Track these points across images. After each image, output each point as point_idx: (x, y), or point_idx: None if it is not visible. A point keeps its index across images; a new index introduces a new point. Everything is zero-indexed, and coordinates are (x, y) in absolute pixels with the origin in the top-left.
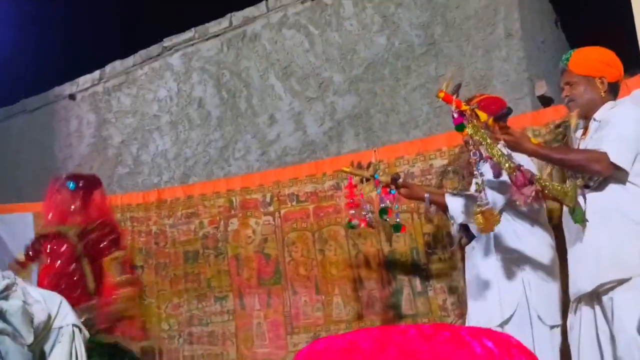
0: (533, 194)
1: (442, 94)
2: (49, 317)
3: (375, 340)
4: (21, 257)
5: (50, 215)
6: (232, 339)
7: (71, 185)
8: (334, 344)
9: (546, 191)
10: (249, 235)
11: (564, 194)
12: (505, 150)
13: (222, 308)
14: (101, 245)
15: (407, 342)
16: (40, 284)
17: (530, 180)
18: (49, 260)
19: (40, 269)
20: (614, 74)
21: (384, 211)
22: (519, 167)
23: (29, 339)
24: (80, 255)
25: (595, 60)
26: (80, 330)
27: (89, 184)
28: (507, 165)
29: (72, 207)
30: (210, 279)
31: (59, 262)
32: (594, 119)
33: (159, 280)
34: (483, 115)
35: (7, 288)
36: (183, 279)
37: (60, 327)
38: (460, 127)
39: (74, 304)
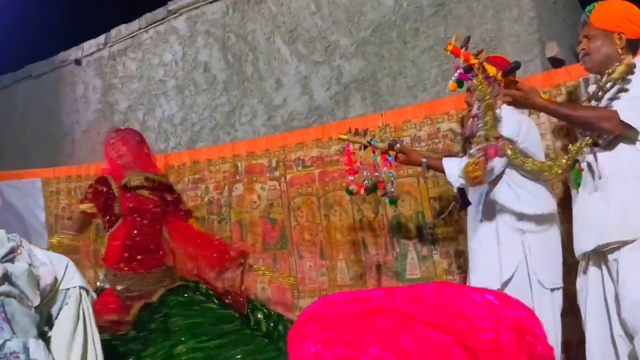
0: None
1: (450, 47)
2: (55, 279)
3: (384, 290)
4: (90, 208)
5: (118, 166)
6: None
7: (137, 138)
8: (345, 295)
9: (524, 167)
10: (254, 200)
11: (539, 170)
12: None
13: None
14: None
15: (415, 291)
16: (121, 239)
17: (500, 155)
18: (134, 216)
19: (121, 224)
20: (635, 31)
21: (375, 187)
22: (498, 137)
23: (36, 301)
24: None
25: (617, 14)
26: (87, 292)
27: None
28: (491, 131)
29: (140, 159)
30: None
31: (146, 219)
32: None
33: None
34: (492, 69)
35: (13, 250)
36: None
37: (67, 289)
38: (460, 83)
39: (154, 263)
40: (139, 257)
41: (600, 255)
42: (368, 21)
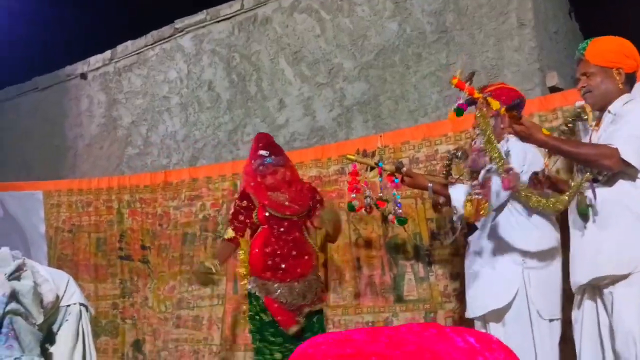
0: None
1: (455, 81)
2: (57, 296)
3: (367, 332)
4: (230, 234)
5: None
6: (219, 323)
7: (269, 160)
8: (331, 337)
9: (529, 204)
10: None
11: (545, 206)
12: (502, 150)
13: (212, 292)
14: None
15: (396, 334)
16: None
17: (515, 187)
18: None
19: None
20: (631, 65)
21: (376, 206)
22: (509, 170)
23: (40, 319)
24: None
25: (613, 50)
26: (87, 308)
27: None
28: (500, 163)
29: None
30: (203, 262)
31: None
32: (609, 111)
33: (160, 261)
34: (495, 104)
35: (19, 269)
36: (179, 261)
37: (68, 306)
38: (459, 112)
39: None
40: (282, 265)
41: (595, 288)
42: (372, 45)
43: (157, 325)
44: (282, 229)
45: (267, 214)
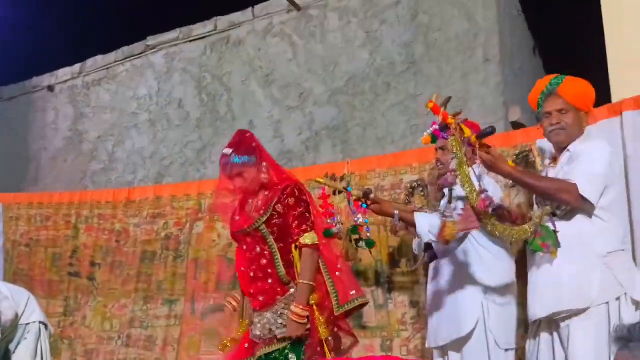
0: (470, 229)
1: (431, 104)
2: (16, 314)
3: None
4: None
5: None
6: (174, 344)
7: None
8: None
9: (495, 233)
10: (213, 239)
11: (510, 235)
12: (475, 173)
13: (170, 311)
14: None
15: None
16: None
17: (488, 206)
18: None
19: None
20: (592, 108)
21: (354, 230)
22: (481, 192)
23: None
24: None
25: (585, 94)
26: (46, 327)
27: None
28: (469, 188)
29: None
30: (162, 281)
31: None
32: (568, 150)
33: (112, 278)
34: (467, 131)
35: None
36: (135, 279)
37: (27, 324)
38: (434, 138)
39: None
40: (250, 291)
41: (552, 321)
42: (342, 72)
43: (95, 345)
44: (244, 246)
45: (234, 230)
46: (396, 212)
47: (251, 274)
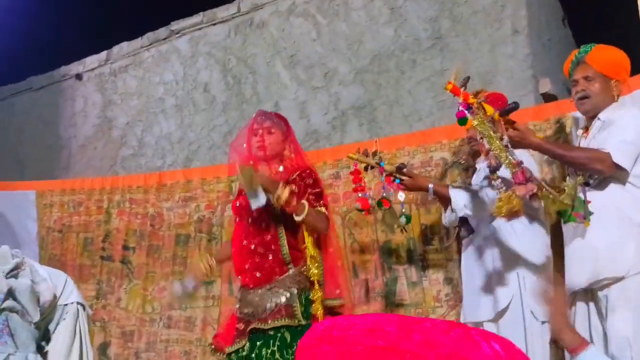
0: (532, 191)
1: (450, 86)
2: (54, 295)
3: (398, 325)
4: None
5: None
6: (214, 324)
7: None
8: (361, 321)
9: (548, 201)
10: None
11: (557, 205)
12: (509, 147)
13: (207, 293)
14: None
15: (427, 332)
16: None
17: (529, 179)
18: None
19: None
20: (625, 77)
21: (380, 203)
22: (519, 164)
23: (36, 317)
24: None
25: (616, 62)
26: (84, 307)
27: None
28: (507, 160)
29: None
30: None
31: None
32: (599, 119)
33: (150, 262)
34: (490, 109)
35: (17, 267)
36: (172, 262)
37: (65, 305)
38: (462, 121)
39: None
40: (246, 266)
41: (588, 292)
42: (367, 50)
43: (137, 326)
44: (249, 220)
45: (237, 204)
46: (430, 185)
47: (252, 247)
